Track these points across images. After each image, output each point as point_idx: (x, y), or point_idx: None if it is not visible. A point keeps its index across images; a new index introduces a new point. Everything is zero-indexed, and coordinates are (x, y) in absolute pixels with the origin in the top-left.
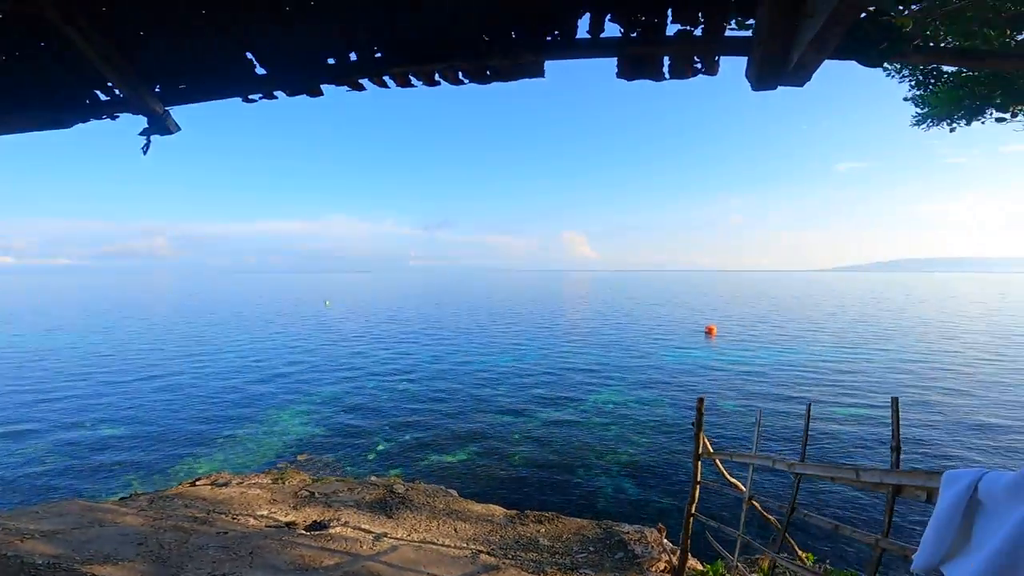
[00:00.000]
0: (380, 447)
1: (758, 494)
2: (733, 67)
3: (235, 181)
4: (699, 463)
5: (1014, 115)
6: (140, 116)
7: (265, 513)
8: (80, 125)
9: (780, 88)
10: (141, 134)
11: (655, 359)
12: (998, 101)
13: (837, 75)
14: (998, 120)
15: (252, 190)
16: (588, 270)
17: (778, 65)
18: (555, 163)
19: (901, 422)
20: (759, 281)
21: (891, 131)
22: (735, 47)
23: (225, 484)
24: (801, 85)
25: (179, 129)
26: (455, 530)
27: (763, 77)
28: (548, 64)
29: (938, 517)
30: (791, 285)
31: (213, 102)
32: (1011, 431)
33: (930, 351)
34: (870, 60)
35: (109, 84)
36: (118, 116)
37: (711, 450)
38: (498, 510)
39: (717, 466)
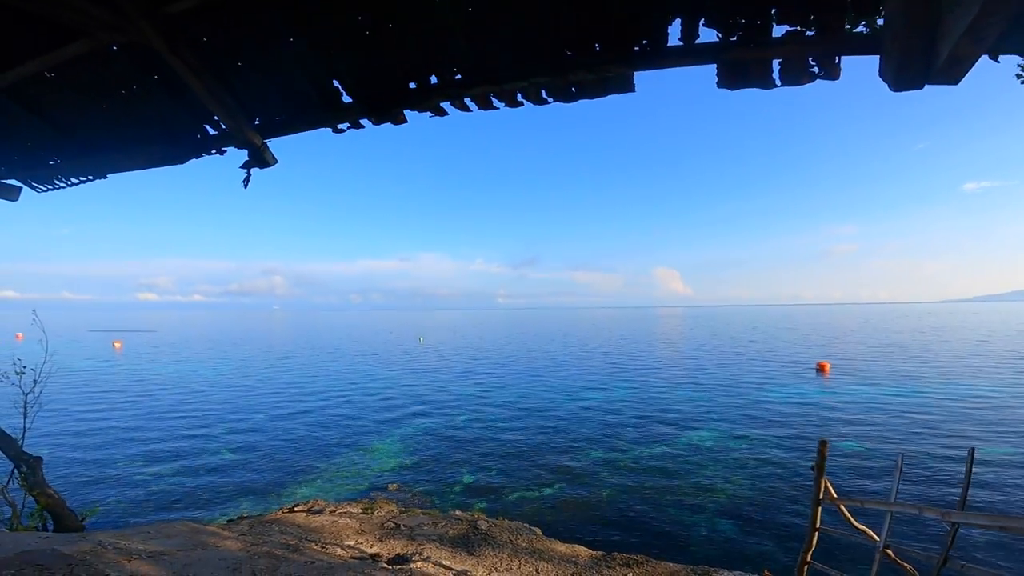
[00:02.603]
0: (467, 479)
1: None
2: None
3: (335, 221)
4: (819, 508)
5: None
6: (243, 150)
7: (352, 544)
8: (193, 161)
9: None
10: (242, 167)
11: (757, 398)
12: None
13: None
14: None
15: (350, 230)
16: (680, 306)
17: (922, 61)
18: (641, 196)
19: None
20: (877, 314)
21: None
22: (860, 45)
23: (319, 512)
24: (956, 82)
25: (276, 162)
26: (536, 571)
27: (903, 76)
28: (638, 76)
29: None
30: (918, 318)
31: (307, 143)
32: None
33: None
34: None
35: (216, 118)
36: (226, 150)
37: (835, 495)
38: (583, 551)
39: (842, 512)
